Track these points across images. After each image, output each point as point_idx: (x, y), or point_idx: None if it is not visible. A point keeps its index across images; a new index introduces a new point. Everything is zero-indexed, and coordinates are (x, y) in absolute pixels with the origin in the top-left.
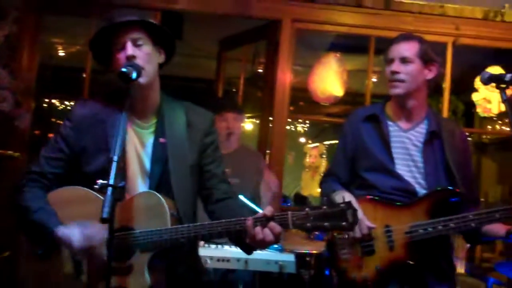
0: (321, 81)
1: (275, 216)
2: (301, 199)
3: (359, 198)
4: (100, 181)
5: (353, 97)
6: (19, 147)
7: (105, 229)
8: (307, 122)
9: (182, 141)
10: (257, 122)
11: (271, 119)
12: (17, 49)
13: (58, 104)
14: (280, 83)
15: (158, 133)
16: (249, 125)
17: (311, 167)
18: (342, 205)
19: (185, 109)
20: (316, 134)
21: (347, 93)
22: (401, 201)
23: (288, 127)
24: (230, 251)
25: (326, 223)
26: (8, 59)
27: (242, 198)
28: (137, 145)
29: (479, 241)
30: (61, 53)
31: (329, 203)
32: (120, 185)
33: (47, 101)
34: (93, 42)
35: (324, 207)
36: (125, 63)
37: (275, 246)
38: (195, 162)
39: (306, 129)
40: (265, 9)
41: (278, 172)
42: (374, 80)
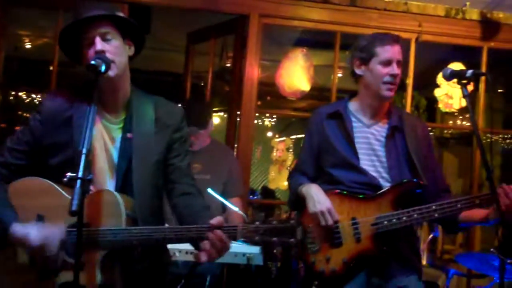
0: (288, 76)
1: (224, 227)
2: (268, 193)
3: (327, 192)
4: (69, 174)
5: (319, 92)
6: None
7: (61, 231)
8: (274, 116)
9: (148, 136)
10: (225, 116)
11: (238, 113)
12: None
13: (24, 97)
14: (248, 77)
15: (126, 128)
16: (217, 119)
17: (278, 161)
18: (292, 222)
19: (155, 104)
20: (283, 128)
21: (313, 88)
22: (366, 194)
23: (255, 121)
24: None
25: (274, 238)
26: None
27: (211, 192)
28: (106, 139)
29: (457, 228)
30: (28, 46)
31: (279, 219)
32: (88, 178)
33: (13, 94)
34: (61, 37)
35: (274, 222)
36: (93, 56)
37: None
38: (161, 157)
39: (273, 123)
40: (233, 3)
41: (245, 165)
42: (339, 75)
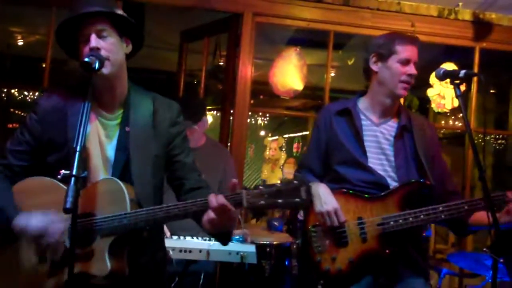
0: (281, 74)
1: (228, 195)
2: None
3: (333, 191)
4: (62, 171)
5: (312, 91)
6: None
7: (66, 218)
8: (267, 115)
9: (146, 130)
10: (218, 115)
11: (232, 112)
12: None
13: (17, 94)
14: (241, 76)
15: (124, 122)
16: (210, 118)
17: (271, 160)
18: (295, 182)
19: (152, 99)
20: (275, 127)
21: (306, 87)
22: (374, 194)
23: (248, 120)
24: (192, 242)
25: (280, 200)
26: None
27: None
28: (101, 136)
29: (467, 231)
30: (20, 43)
31: (283, 180)
32: (82, 175)
33: (5, 91)
34: (58, 33)
35: (278, 184)
36: (88, 53)
37: (237, 237)
38: (160, 152)
39: (266, 122)
40: (227, 2)
41: (239, 164)
42: (332, 74)
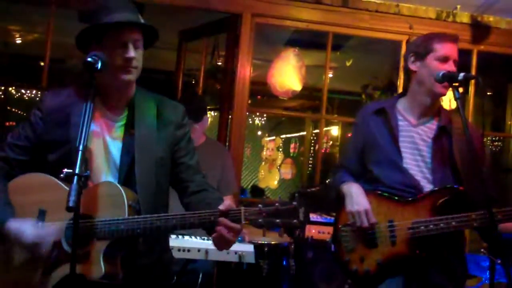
0: (280, 75)
1: (229, 211)
2: (258, 191)
3: (366, 192)
4: (65, 170)
5: (310, 92)
6: None
7: (56, 230)
8: (265, 115)
9: (151, 132)
10: (216, 114)
11: (230, 112)
12: None
13: (14, 92)
14: (240, 76)
15: (129, 124)
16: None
17: (268, 160)
18: (294, 203)
19: (157, 102)
20: (273, 127)
21: (304, 88)
22: (406, 198)
23: (246, 120)
24: (190, 241)
25: (277, 220)
26: None
27: None
28: (106, 137)
29: (497, 238)
30: (18, 41)
31: (282, 201)
32: (84, 174)
33: (3, 89)
34: (85, 29)
35: (276, 204)
36: (91, 53)
37: None
38: (165, 154)
39: (263, 122)
40: (226, 2)
41: (237, 164)
42: (330, 75)
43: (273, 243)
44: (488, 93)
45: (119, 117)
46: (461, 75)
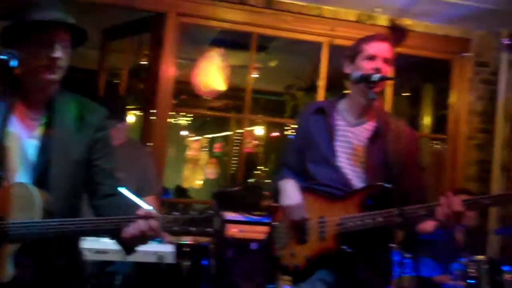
0: (204, 75)
1: (147, 217)
2: (181, 192)
3: (302, 189)
4: None
5: (234, 92)
6: None
7: None
8: (189, 115)
9: (69, 134)
10: (140, 114)
11: (153, 111)
12: None
13: None
14: (163, 76)
15: (48, 124)
16: (131, 117)
17: (192, 160)
18: (210, 212)
19: (79, 103)
20: (198, 127)
21: (229, 88)
22: (337, 194)
23: (170, 120)
24: (108, 243)
25: (193, 228)
26: None
27: (125, 191)
28: (24, 136)
29: (415, 240)
30: None
31: (198, 210)
32: None
33: None
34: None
35: (192, 213)
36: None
37: None
38: (82, 157)
39: (188, 122)
40: (151, 1)
41: (160, 164)
42: (255, 75)
43: (193, 243)
44: (404, 94)
45: (39, 117)
46: (376, 76)
